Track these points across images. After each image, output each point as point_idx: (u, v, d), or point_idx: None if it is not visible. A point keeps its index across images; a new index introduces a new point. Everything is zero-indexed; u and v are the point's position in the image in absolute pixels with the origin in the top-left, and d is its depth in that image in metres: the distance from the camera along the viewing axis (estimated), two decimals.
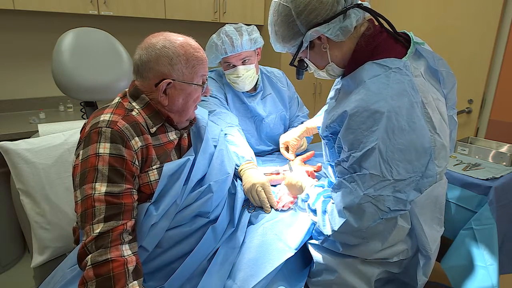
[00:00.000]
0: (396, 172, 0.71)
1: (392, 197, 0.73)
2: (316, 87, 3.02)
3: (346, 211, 0.76)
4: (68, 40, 1.20)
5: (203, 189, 0.90)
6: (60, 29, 1.37)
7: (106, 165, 0.75)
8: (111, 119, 0.80)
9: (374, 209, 0.74)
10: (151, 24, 2.56)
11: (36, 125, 1.58)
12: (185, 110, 0.93)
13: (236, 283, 0.82)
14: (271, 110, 1.52)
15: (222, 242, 0.92)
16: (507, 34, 1.91)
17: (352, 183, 0.75)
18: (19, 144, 1.05)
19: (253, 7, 2.83)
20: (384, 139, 0.70)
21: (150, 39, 0.88)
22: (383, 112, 0.70)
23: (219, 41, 1.31)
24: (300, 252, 0.92)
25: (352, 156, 0.74)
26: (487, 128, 2.09)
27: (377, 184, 0.72)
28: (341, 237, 0.81)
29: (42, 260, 1.05)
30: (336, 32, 0.77)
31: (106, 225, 0.72)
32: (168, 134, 0.92)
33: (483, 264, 1.14)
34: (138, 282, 0.72)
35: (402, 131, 0.70)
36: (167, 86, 0.87)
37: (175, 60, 0.86)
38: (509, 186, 1.28)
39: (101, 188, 0.74)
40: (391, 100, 0.70)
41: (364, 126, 0.72)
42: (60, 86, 1.21)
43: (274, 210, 1.04)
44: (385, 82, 0.73)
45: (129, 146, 0.79)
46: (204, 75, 0.93)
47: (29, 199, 1.04)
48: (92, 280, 0.68)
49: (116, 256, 0.70)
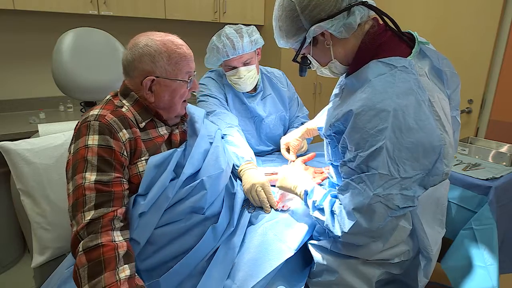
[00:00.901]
0: (403, 170, 0.71)
1: (400, 195, 0.72)
2: (316, 87, 3.02)
3: (356, 212, 0.75)
4: (68, 40, 1.20)
5: (195, 184, 0.90)
6: (60, 29, 1.37)
7: (95, 155, 0.78)
8: (99, 113, 0.84)
9: (384, 209, 0.73)
10: (151, 24, 2.56)
11: (36, 125, 1.58)
12: (172, 106, 0.95)
13: (235, 283, 0.82)
14: (271, 111, 1.52)
15: (221, 242, 0.91)
16: (507, 34, 1.91)
17: (361, 184, 0.74)
18: (19, 144, 1.05)
19: (253, 7, 2.83)
20: (392, 138, 0.69)
21: (135, 39, 0.92)
22: (390, 111, 0.69)
23: (220, 44, 1.31)
24: (301, 252, 0.92)
25: (359, 156, 0.73)
26: (487, 128, 2.09)
27: (386, 183, 0.71)
28: (351, 238, 0.80)
29: (42, 260, 1.05)
30: (339, 29, 0.77)
31: (97, 212, 0.75)
32: (158, 129, 0.95)
33: (483, 264, 1.14)
34: (129, 266, 0.73)
35: (409, 130, 0.69)
36: (152, 83, 0.90)
37: (157, 58, 0.89)
38: (509, 186, 1.28)
39: (91, 177, 0.77)
40: (397, 98, 0.70)
41: (370, 125, 0.71)
42: (60, 86, 1.21)
43: (274, 210, 1.04)
44: (391, 81, 0.72)
45: (117, 138, 0.82)
46: (190, 71, 0.95)
47: (30, 199, 1.04)
48: (83, 266, 0.69)
49: (107, 241, 0.72)
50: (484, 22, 1.94)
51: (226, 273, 0.84)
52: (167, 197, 0.85)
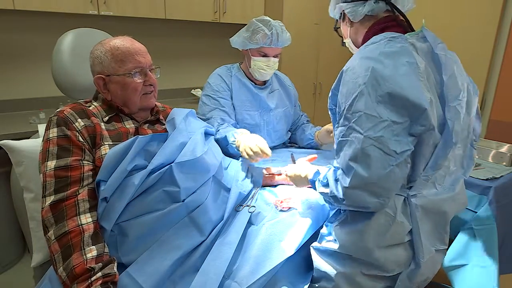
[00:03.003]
0: (389, 113, 0.72)
1: (394, 140, 0.72)
2: (316, 87, 3.03)
3: (352, 162, 0.74)
4: (68, 40, 1.20)
5: (164, 170, 0.90)
6: (60, 29, 1.37)
7: (55, 145, 0.88)
8: (59, 110, 0.94)
9: (379, 153, 0.72)
10: (151, 24, 2.57)
11: (36, 125, 1.58)
12: (128, 100, 1.01)
13: (235, 281, 0.82)
14: (278, 104, 1.58)
15: (212, 237, 0.91)
16: (507, 34, 1.91)
17: (351, 134, 0.75)
18: (23, 142, 1.07)
19: (253, 7, 2.83)
20: (373, 84, 0.73)
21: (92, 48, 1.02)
22: (372, 64, 0.74)
23: (268, 31, 1.38)
24: (305, 253, 0.92)
25: (345, 106, 0.77)
26: (487, 128, 2.09)
27: (376, 126, 0.72)
28: (354, 194, 0.76)
29: (42, 260, 1.05)
30: (351, 13, 0.90)
31: (56, 196, 0.83)
32: (124, 123, 1.03)
33: (483, 264, 1.14)
34: (97, 247, 0.80)
35: (392, 77, 0.72)
36: (104, 81, 1.00)
37: (103, 58, 0.98)
38: (509, 186, 1.28)
39: (51, 164, 0.86)
40: (384, 57, 0.75)
41: (354, 75, 0.76)
42: (60, 86, 1.21)
43: (274, 210, 1.04)
44: (381, 45, 0.79)
45: (72, 128, 0.90)
46: (138, 65, 0.99)
47: (32, 195, 1.04)
48: (57, 252, 0.79)
49: (73, 227, 0.80)
50: (484, 23, 1.94)
51: (222, 271, 0.83)
52: (132, 184, 0.85)
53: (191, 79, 2.98)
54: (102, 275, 0.75)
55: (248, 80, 1.52)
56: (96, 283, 0.74)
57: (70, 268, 0.76)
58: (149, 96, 1.05)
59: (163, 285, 0.80)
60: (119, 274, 0.79)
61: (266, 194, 1.13)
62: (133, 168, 0.88)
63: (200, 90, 2.74)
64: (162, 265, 0.82)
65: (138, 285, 0.77)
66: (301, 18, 2.85)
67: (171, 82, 2.81)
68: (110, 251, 0.83)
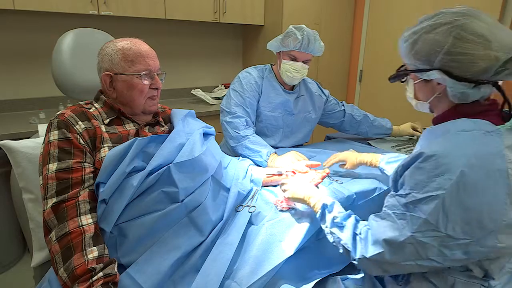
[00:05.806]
0: (452, 228, 0.67)
1: (437, 249, 0.69)
2: None
3: (385, 243, 0.73)
4: (68, 40, 1.20)
5: (163, 171, 0.90)
6: (60, 29, 1.37)
7: (56, 148, 0.88)
8: (60, 113, 0.94)
9: (413, 252, 0.70)
10: (151, 24, 2.57)
11: (36, 125, 1.59)
12: (132, 101, 1.02)
13: (235, 281, 0.82)
14: (301, 110, 1.66)
15: (212, 237, 0.91)
16: None
17: (401, 220, 0.72)
18: (22, 143, 1.06)
19: (253, 7, 2.83)
20: (452, 193, 0.66)
21: (102, 46, 1.02)
22: (460, 167, 0.66)
23: (300, 35, 1.43)
24: (306, 253, 0.92)
25: (412, 195, 0.71)
26: None
27: (427, 232, 0.69)
28: (367, 264, 0.78)
29: (42, 260, 1.05)
30: (455, 93, 0.74)
31: (58, 198, 0.83)
32: (125, 126, 1.03)
33: None
34: (97, 248, 0.80)
35: (474, 191, 0.65)
36: (112, 79, 1.00)
37: (113, 56, 0.99)
38: None
39: (53, 167, 0.86)
40: (473, 158, 0.66)
41: (436, 171, 0.68)
42: (60, 86, 1.21)
43: (274, 210, 1.04)
44: (472, 140, 0.69)
45: (73, 130, 0.91)
46: (147, 68, 1.00)
47: (32, 196, 1.04)
48: (58, 253, 0.79)
49: (74, 228, 0.81)
50: None
51: (222, 272, 0.83)
52: (131, 185, 0.86)
53: (191, 79, 2.98)
54: (103, 275, 0.75)
55: (278, 83, 1.59)
56: (97, 283, 0.74)
57: (71, 268, 0.76)
58: (152, 101, 1.06)
59: (163, 285, 0.80)
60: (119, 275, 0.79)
61: (266, 194, 1.13)
62: (132, 170, 0.89)
63: (200, 90, 2.74)
64: (162, 265, 0.82)
65: (138, 285, 0.77)
66: (301, 18, 2.84)
67: (171, 82, 2.81)
68: (110, 253, 0.83)
